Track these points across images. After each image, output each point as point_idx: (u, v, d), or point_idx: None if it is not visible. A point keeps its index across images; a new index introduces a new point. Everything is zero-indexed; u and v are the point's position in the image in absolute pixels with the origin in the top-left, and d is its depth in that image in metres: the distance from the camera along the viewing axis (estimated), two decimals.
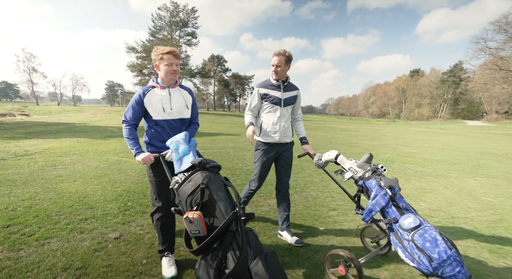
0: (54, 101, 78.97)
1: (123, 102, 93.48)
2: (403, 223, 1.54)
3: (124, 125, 1.82)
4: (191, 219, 1.20)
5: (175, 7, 38.47)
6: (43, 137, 8.40)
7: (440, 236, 1.44)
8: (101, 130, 11.37)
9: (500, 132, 21.67)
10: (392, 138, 13.53)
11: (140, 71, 39.71)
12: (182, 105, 1.89)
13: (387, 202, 1.65)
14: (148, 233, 2.33)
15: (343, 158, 1.96)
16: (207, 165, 1.41)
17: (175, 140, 1.63)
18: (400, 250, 1.53)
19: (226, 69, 61.54)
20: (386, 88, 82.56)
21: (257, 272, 1.14)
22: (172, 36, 39.34)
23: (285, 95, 2.30)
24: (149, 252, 2.03)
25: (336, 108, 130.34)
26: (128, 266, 1.83)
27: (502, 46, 35.46)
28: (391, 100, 78.17)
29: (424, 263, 1.38)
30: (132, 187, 3.59)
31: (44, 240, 2.12)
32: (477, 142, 12.88)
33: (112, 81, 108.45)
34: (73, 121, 15.46)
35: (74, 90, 61.96)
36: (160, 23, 39.14)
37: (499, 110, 46.32)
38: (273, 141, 2.30)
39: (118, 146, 7.17)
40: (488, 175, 5.18)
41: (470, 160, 6.89)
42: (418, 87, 67.84)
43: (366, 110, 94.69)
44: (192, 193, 1.30)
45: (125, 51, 37.17)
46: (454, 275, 1.33)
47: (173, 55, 1.76)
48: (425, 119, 61.93)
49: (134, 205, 2.93)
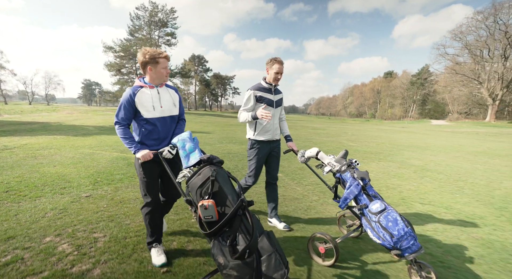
0: (24, 100, 74.66)
1: (101, 102, 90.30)
2: (372, 208, 1.82)
3: (117, 126, 1.87)
4: (206, 206, 1.36)
5: (153, 7, 38.46)
6: (19, 135, 8.91)
7: (399, 217, 1.74)
8: (77, 129, 11.86)
9: (450, 130, 24.44)
10: (350, 135, 15.20)
11: (119, 70, 39.22)
12: (170, 103, 1.98)
13: (359, 191, 1.91)
14: (110, 194, 3.37)
15: (323, 154, 2.22)
16: (214, 160, 1.58)
17: (181, 138, 1.76)
18: (369, 230, 1.82)
19: (207, 69, 61.90)
20: (362, 89, 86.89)
21: (263, 246, 1.35)
22: (151, 35, 39.27)
23: (276, 97, 2.58)
24: (109, 202, 3.08)
25: (317, 108, 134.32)
26: (94, 208, 2.89)
27: (458, 53, 39.41)
28: (367, 100, 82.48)
29: (387, 239, 1.68)
30: (102, 169, 4.56)
31: (35, 198, 3.10)
32: (417, 137, 14.89)
33: (89, 80, 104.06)
34: (48, 120, 15.60)
35: (47, 88, 59.24)
36: (138, 22, 38.97)
37: (460, 110, 50.88)
38: (267, 138, 2.54)
39: (93, 142, 7.95)
40: (390, 160, 6.68)
41: (389, 151, 8.49)
42: (391, 88, 72.27)
43: (344, 110, 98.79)
44: (202, 185, 1.46)
45: (102, 50, 36.58)
46: (409, 247, 1.65)
47: (167, 59, 1.92)
48: (397, 119, 66.14)
49: (102, 180, 3.94)
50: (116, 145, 7.40)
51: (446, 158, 7.46)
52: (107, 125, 14.19)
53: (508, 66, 33.30)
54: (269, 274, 1.29)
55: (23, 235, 2.23)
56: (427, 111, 63.04)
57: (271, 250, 1.34)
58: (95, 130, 11.49)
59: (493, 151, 9.31)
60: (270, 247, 1.35)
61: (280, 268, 1.31)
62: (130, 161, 5.34)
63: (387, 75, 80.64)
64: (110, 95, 42.85)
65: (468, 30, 36.29)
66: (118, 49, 37.66)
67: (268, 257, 1.32)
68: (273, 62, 2.44)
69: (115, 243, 2.17)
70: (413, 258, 1.69)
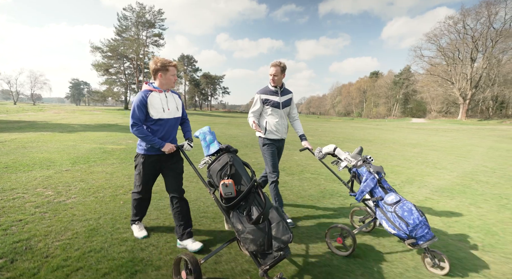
0: (8, 100, 73.16)
1: (90, 102, 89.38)
2: (387, 200, 1.92)
3: (135, 128, 2.00)
4: (227, 184, 1.62)
5: (141, 8, 39.05)
6: (8, 131, 9.85)
7: (414, 207, 1.83)
8: (63, 127, 12.79)
9: (417, 127, 26.42)
10: (320, 131, 16.68)
11: (106, 70, 39.63)
12: (174, 107, 2.20)
13: (375, 184, 2.00)
14: (84, 169, 4.57)
15: (340, 150, 2.35)
16: (231, 149, 1.87)
17: (202, 131, 2.00)
18: (385, 221, 1.90)
19: (196, 69, 62.66)
20: (349, 88, 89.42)
21: (272, 216, 1.62)
22: (139, 36, 39.84)
23: (283, 98, 2.71)
24: (82, 173, 4.28)
25: (308, 108, 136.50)
26: (71, 176, 4.09)
27: (433, 55, 41.82)
28: (354, 99, 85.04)
29: (403, 228, 1.77)
30: (81, 155, 5.73)
31: (28, 171, 4.27)
32: (376, 133, 16.52)
33: (77, 79, 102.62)
34: (35, 119, 16.36)
35: (32, 88, 58.54)
36: (126, 23, 39.47)
37: (439, 109, 53.56)
38: (276, 137, 2.73)
39: (77, 137, 9.02)
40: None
41: (335, 142, 9.94)
42: (376, 88, 74.90)
43: (333, 109, 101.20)
44: (221, 169, 1.72)
45: (90, 51, 36.94)
46: (423, 235, 1.74)
47: (176, 67, 2.17)
48: (382, 117, 68.72)
49: (80, 161, 5.13)
50: (97, 139, 8.51)
51: (378, 148, 8.96)
52: (92, 124, 15.11)
53: (475, 68, 35.75)
54: (278, 236, 1.55)
55: (22, 188, 3.44)
56: (409, 110, 65.82)
57: (279, 219, 1.61)
58: (80, 128, 12.45)
59: (426, 143, 10.93)
60: (278, 217, 1.62)
61: (287, 232, 1.57)
62: (106, 150, 6.51)
63: (373, 75, 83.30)
64: (98, 95, 43.11)
65: (441, 33, 38.67)
66: (105, 49, 38.08)
67: (277, 224, 1.59)
68: (270, 66, 2.64)
69: (82, 190, 3.42)
70: (426, 247, 1.79)
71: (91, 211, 2.80)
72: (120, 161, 5.34)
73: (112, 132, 11.11)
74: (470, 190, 4.15)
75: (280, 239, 1.54)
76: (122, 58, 40.36)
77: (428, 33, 40.21)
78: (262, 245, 1.54)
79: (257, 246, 1.54)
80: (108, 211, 2.82)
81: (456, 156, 7.54)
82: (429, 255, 1.80)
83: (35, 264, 1.83)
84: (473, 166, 6.07)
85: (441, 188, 4.16)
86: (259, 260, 1.58)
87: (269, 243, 1.55)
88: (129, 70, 42.60)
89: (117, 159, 5.50)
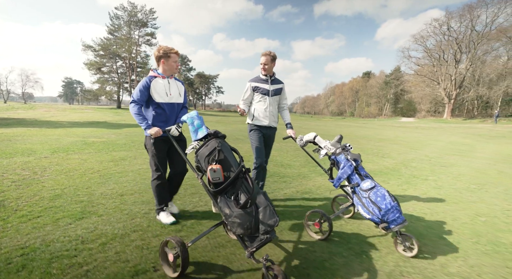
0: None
1: (83, 101, 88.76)
2: (363, 186, 2.01)
3: (133, 104, 2.18)
4: (215, 169, 1.64)
5: (132, 8, 39.27)
6: None
7: (387, 193, 1.94)
8: (51, 123, 13.18)
9: (399, 125, 27.39)
10: (304, 129, 17.39)
11: (99, 69, 39.74)
12: (177, 93, 2.33)
13: (352, 171, 2.08)
14: (62, 157, 5.13)
15: (320, 138, 2.40)
16: (219, 134, 1.87)
17: (190, 116, 1.98)
18: (360, 206, 2.02)
19: (190, 68, 62.96)
20: (342, 88, 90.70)
21: (260, 201, 1.65)
22: (131, 35, 40.05)
23: (273, 87, 2.77)
24: (59, 159, 4.86)
25: (302, 107, 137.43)
26: (48, 161, 4.65)
27: (420, 56, 43.01)
28: (347, 99, 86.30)
29: (376, 213, 1.89)
30: (62, 146, 6.28)
31: (10, 157, 4.81)
32: (357, 130, 17.31)
33: (71, 78, 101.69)
34: (24, 117, 16.68)
35: (23, 87, 58.06)
36: (118, 22, 39.65)
37: (428, 108, 54.86)
38: (263, 124, 2.79)
39: (63, 132, 9.51)
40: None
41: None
42: (368, 87, 76.19)
43: (327, 109, 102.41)
44: (209, 154, 1.72)
45: (81, 49, 37.04)
46: (395, 219, 1.86)
47: (178, 54, 2.28)
48: (373, 117, 70.05)
49: (59, 151, 5.69)
50: (81, 134, 9.03)
51: (346, 141, 9.65)
52: (81, 121, 15.51)
53: (459, 68, 36.98)
54: (264, 220, 1.59)
55: (2, 169, 4.00)
56: (399, 110, 67.20)
57: (266, 204, 1.63)
58: (68, 125, 12.89)
59: (395, 138, 11.71)
60: (265, 201, 1.65)
61: (273, 216, 1.60)
62: (87, 142, 7.07)
63: (365, 75, 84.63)
64: (91, 93, 43.13)
65: (427, 35, 39.85)
66: (97, 48, 38.20)
67: (264, 209, 1.62)
68: (261, 56, 2.73)
69: (56, 171, 4.00)
70: (398, 230, 1.88)
71: (59, 184, 3.40)
72: (97, 151, 5.90)
73: (98, 128, 11.60)
74: (393, 172, 4.86)
75: (267, 223, 1.58)
76: (114, 57, 40.48)
77: (415, 34, 41.43)
78: (249, 228, 1.58)
79: (244, 230, 1.58)
80: (74, 184, 3.42)
81: (409, 148, 8.29)
82: (400, 238, 1.90)
83: (6, 214, 2.44)
84: (415, 155, 6.81)
85: (371, 171, 4.85)
86: (246, 243, 1.63)
87: (256, 226, 1.59)
88: (121, 69, 42.70)
89: (94, 149, 6.06)
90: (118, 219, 2.44)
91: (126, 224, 2.34)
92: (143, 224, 2.37)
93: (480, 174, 4.93)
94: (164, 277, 1.66)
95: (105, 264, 1.74)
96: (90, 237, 2.09)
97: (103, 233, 2.16)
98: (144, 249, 1.96)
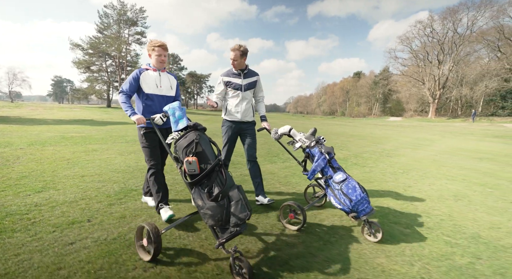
0: None
1: (74, 100, 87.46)
2: (335, 178, 2.12)
3: (121, 94, 2.26)
4: (190, 161, 1.69)
5: (122, 6, 39.19)
6: None
7: (358, 185, 2.06)
8: (35, 121, 13.27)
9: (382, 124, 28.33)
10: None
11: (88, 67, 39.52)
12: (168, 86, 2.40)
13: (325, 164, 2.17)
14: (38, 149, 5.52)
15: (295, 131, 2.43)
16: (198, 127, 1.90)
17: (172, 107, 2.03)
18: (332, 198, 2.12)
19: (181, 68, 62.94)
20: (334, 88, 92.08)
21: (233, 195, 1.70)
22: (120, 34, 39.95)
23: (245, 81, 2.72)
24: (34, 150, 5.25)
25: (295, 107, 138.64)
26: (23, 152, 5.04)
27: (407, 57, 44.32)
28: (338, 99, 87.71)
29: (347, 204, 2.01)
30: (39, 140, 6.64)
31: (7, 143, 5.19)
32: (335, 128, 18.01)
33: (60, 77, 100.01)
34: (8, 115, 16.70)
35: (10, 85, 56.94)
36: (107, 20, 39.49)
37: (415, 108, 56.34)
38: (235, 119, 2.76)
39: (45, 128, 9.77)
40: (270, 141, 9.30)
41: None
42: (358, 87, 77.61)
43: (319, 108, 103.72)
44: (188, 146, 1.77)
45: (69, 48, 36.78)
46: (364, 209, 2.01)
47: (163, 48, 2.31)
48: (363, 116, 71.45)
49: (36, 144, 6.06)
50: (63, 130, 9.34)
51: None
52: (67, 119, 15.66)
53: (442, 69, 38.34)
54: (236, 213, 1.64)
55: None
56: (388, 109, 68.76)
57: (239, 198, 1.67)
58: (52, 122, 13.04)
59: (368, 135, 12.39)
60: (238, 196, 1.68)
61: (244, 210, 1.65)
62: (65, 137, 7.43)
63: (356, 75, 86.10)
64: (80, 92, 42.81)
65: (412, 36, 41.11)
66: (86, 46, 37.98)
67: (236, 203, 1.66)
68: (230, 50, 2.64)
69: (28, 159, 4.41)
70: (366, 219, 1.99)
71: (28, 169, 3.82)
72: (73, 144, 6.29)
73: (82, 125, 11.86)
74: (341, 161, 5.43)
75: (238, 216, 1.62)
76: (104, 56, 40.31)
77: (401, 36, 42.64)
78: (220, 220, 1.62)
79: (215, 221, 1.63)
80: (42, 169, 3.85)
81: (373, 143, 8.95)
82: (367, 225, 2.04)
83: None
84: (373, 149, 7.44)
85: None
86: (217, 234, 1.67)
87: (227, 218, 1.64)
88: (111, 68, 42.54)
89: (71, 143, 6.45)
90: (72, 191, 2.91)
91: (78, 195, 2.81)
92: (92, 195, 2.85)
93: (414, 162, 5.57)
94: (96, 227, 2.14)
95: (50, 219, 2.22)
96: (44, 203, 2.56)
97: (55, 200, 2.63)
98: (85, 210, 2.44)
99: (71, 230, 2.04)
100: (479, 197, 3.39)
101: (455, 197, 3.34)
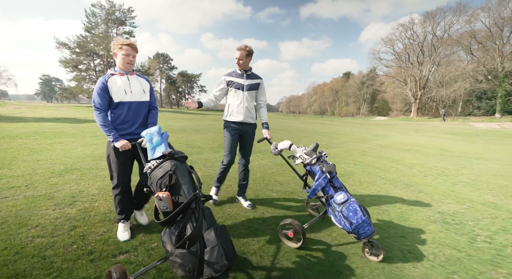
0: None
1: (63, 99, 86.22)
2: (336, 199, 2.11)
3: (97, 113, 1.94)
4: (161, 198, 1.47)
5: (110, 6, 39.27)
6: None
7: (359, 207, 2.04)
8: (15, 119, 13.41)
9: (362, 122, 29.49)
10: (273, 124, 18.72)
11: (75, 66, 39.42)
12: (140, 90, 2.11)
13: (326, 183, 2.17)
14: (7, 141, 6.12)
15: (295, 147, 2.39)
16: (176, 155, 1.68)
17: (150, 132, 1.85)
18: (333, 217, 2.13)
19: (172, 67, 63.14)
20: (324, 88, 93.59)
21: (209, 239, 1.44)
22: (108, 33, 40.02)
23: (248, 81, 2.70)
24: (1, 143, 5.85)
25: (288, 106, 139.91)
26: None
27: (390, 58, 45.85)
28: (327, 99, 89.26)
29: (347, 226, 2.01)
30: (10, 135, 7.21)
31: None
32: (319, 126, 18.90)
33: (49, 75, 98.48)
34: None
35: None
36: (95, 19, 39.51)
37: (400, 108, 57.97)
38: (238, 120, 2.69)
39: (22, 125, 10.21)
40: None
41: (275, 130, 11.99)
42: (347, 87, 79.21)
43: (310, 108, 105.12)
44: (162, 177, 1.56)
45: (55, 47, 36.68)
46: (365, 232, 1.99)
47: (132, 48, 2.02)
48: (351, 116, 73.01)
49: (8, 137, 6.65)
50: (40, 127, 9.82)
51: (297, 135, 11.05)
52: (49, 117, 15.86)
53: (422, 71, 39.95)
54: (211, 262, 1.40)
55: None
56: (375, 109, 70.52)
57: (215, 243, 1.43)
58: (33, 120, 13.27)
59: (341, 132, 13.28)
60: (215, 240, 1.44)
61: (222, 260, 1.41)
62: (38, 132, 8.00)
63: (345, 75, 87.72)
64: (68, 91, 42.62)
65: (394, 39, 42.64)
66: (73, 46, 37.92)
67: (212, 249, 1.42)
68: (236, 50, 2.62)
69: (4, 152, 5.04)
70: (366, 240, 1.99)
71: None
72: (43, 137, 6.90)
73: (61, 123, 12.14)
74: None
75: (213, 267, 1.40)
76: (92, 55, 40.28)
77: (384, 38, 44.14)
78: (191, 271, 1.41)
79: (185, 272, 1.42)
80: (4, 155, 4.50)
81: (329, 137, 9.83)
82: (368, 246, 2.02)
83: None
84: (333, 142, 8.31)
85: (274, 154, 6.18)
86: None
87: (200, 269, 1.42)
88: (99, 67, 42.53)
89: (41, 137, 7.05)
90: (22, 170, 3.61)
91: (25, 172, 3.52)
92: (38, 172, 3.56)
93: (343, 152, 6.45)
94: (31, 191, 2.83)
95: None
96: None
97: (5, 175, 3.33)
98: (27, 180, 3.15)
99: (9, 191, 2.76)
100: (366, 177, 4.24)
101: (341, 176, 4.17)
